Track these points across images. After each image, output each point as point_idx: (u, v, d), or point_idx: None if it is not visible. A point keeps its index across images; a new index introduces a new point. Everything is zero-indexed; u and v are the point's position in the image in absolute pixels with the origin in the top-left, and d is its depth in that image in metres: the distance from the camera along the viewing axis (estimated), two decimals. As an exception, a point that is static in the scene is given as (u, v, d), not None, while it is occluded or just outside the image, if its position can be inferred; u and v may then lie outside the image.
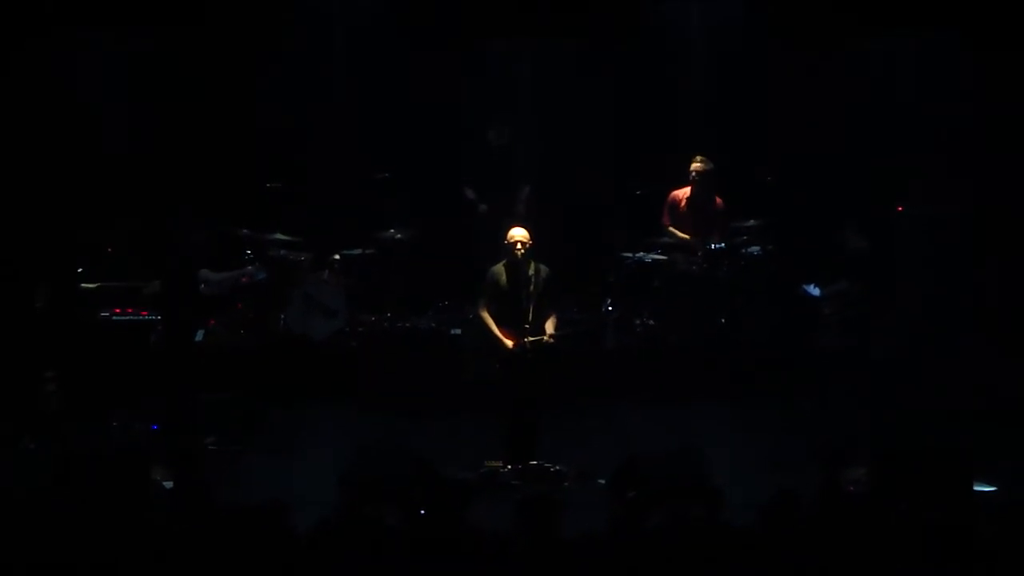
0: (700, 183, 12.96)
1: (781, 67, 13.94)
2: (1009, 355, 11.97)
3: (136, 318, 11.54)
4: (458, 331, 12.55)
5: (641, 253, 13.03)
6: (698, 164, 12.93)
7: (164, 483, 8.85)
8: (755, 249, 12.92)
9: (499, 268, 10.52)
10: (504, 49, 14.36)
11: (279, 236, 12.91)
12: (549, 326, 10.43)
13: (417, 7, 14.01)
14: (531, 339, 10.34)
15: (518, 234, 10.48)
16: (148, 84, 13.61)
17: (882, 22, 13.74)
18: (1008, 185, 13.32)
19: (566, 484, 9.92)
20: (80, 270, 11.72)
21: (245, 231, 12.76)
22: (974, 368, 11.85)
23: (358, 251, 13.17)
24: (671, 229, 13.10)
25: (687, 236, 13.01)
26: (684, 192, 13.11)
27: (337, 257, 13.04)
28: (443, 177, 13.92)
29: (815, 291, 12.93)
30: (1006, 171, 13.37)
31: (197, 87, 13.62)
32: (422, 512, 6.86)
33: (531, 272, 10.41)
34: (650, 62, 14.25)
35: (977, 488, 8.81)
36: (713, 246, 12.87)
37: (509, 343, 10.35)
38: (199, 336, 11.63)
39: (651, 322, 12.83)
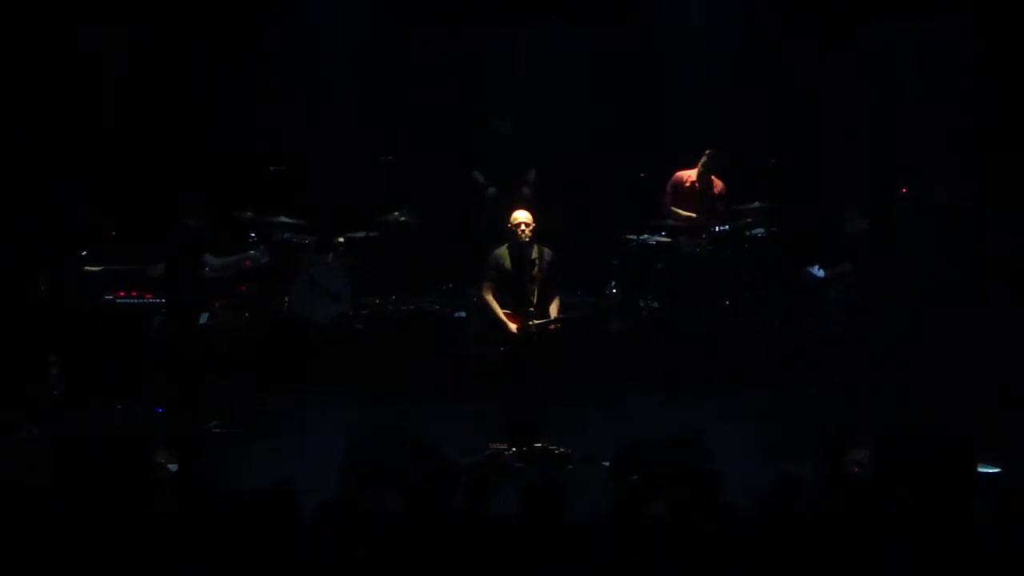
0: (706, 167, 13.00)
1: (785, 48, 13.90)
2: (1012, 335, 11.96)
3: (140, 301, 11.54)
4: (463, 314, 12.55)
5: (645, 236, 13.04)
6: (709, 152, 13.00)
7: (168, 466, 8.88)
8: (759, 231, 12.94)
9: (503, 251, 10.48)
10: (508, 31, 14.33)
11: (283, 219, 12.90)
12: (553, 309, 10.39)
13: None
14: (535, 322, 10.31)
15: (522, 217, 10.44)
16: (152, 67, 13.58)
17: (886, 9, 13.74)
18: (1011, 168, 13.30)
19: (570, 467, 9.92)
20: (84, 253, 11.71)
21: (249, 214, 12.75)
22: (977, 349, 11.84)
23: (362, 234, 13.18)
24: (674, 209, 13.11)
25: (691, 214, 13.03)
26: (688, 175, 13.13)
27: (341, 240, 13.05)
28: (447, 160, 13.91)
29: (819, 273, 12.92)
30: (1009, 154, 13.35)
31: (201, 70, 13.60)
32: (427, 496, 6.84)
33: (535, 255, 10.37)
34: (653, 43, 14.22)
35: (981, 470, 8.81)
36: (717, 228, 12.89)
37: (513, 326, 10.32)
38: (203, 319, 11.63)
39: (655, 305, 12.82)
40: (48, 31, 13.12)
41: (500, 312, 10.36)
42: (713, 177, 13.11)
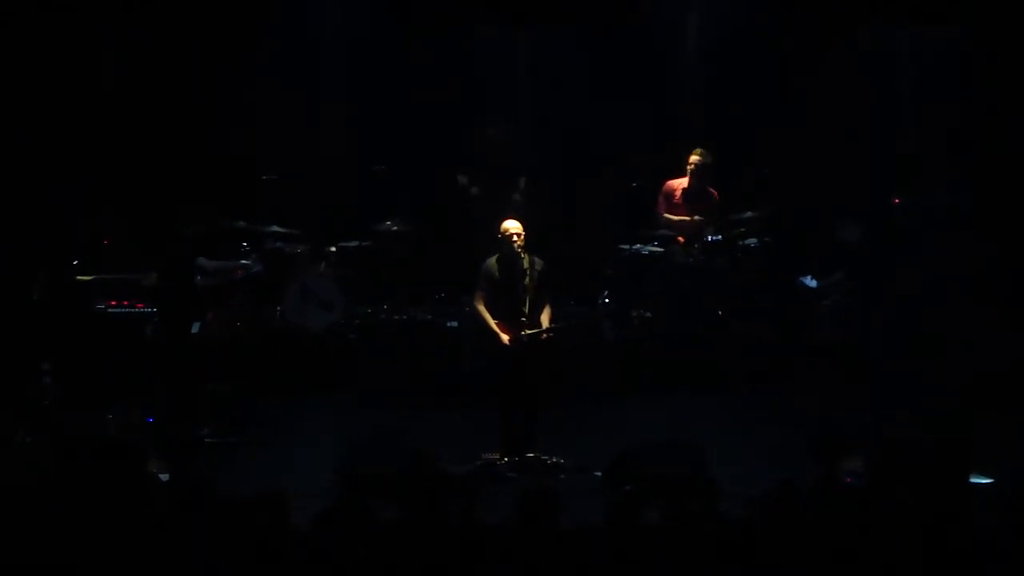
0: (697, 174, 12.98)
1: (779, 58, 13.91)
2: (1007, 345, 11.96)
3: (132, 310, 11.53)
4: (455, 323, 12.55)
5: (638, 245, 13.03)
6: (697, 156, 12.95)
7: (160, 475, 8.86)
8: (752, 241, 12.93)
9: (493, 261, 10.49)
10: (500, 39, 14.33)
11: (276, 228, 12.89)
12: (544, 318, 10.41)
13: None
14: (527, 332, 10.31)
15: (512, 227, 10.45)
16: (146, 75, 13.56)
17: (882, 14, 13.77)
18: (1005, 175, 13.32)
19: (563, 476, 9.92)
20: (77, 262, 11.69)
21: (242, 223, 12.74)
22: (971, 359, 11.84)
23: (355, 243, 13.17)
24: (667, 216, 13.09)
25: (685, 217, 12.99)
26: (680, 183, 13.10)
27: (334, 249, 13.04)
28: (440, 169, 13.90)
29: (812, 283, 12.92)
30: (1003, 161, 13.37)
31: (194, 78, 13.58)
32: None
33: (526, 265, 10.37)
34: (647, 53, 14.21)
35: (974, 480, 8.81)
36: (710, 238, 12.88)
37: (505, 336, 10.33)
38: (195, 328, 11.62)
39: (648, 314, 12.81)
40: (48, 31, 13.09)
41: (492, 322, 10.38)
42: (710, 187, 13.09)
